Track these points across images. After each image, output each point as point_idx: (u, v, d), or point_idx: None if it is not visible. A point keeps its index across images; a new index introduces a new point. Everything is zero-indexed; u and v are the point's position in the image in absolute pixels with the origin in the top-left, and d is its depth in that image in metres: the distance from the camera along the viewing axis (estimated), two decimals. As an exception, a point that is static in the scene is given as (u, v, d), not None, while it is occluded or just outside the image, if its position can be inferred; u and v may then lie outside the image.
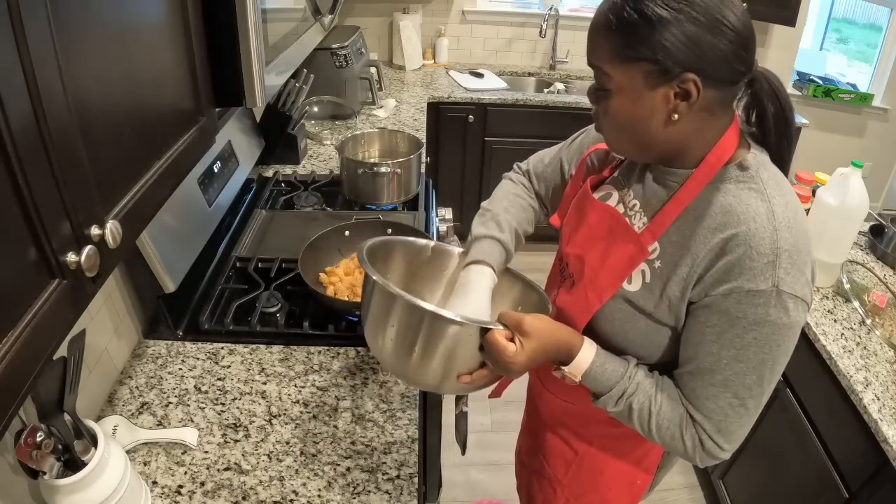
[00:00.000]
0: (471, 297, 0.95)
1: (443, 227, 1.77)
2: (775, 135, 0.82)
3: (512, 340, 0.81)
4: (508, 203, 1.08)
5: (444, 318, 0.81)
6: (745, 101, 0.81)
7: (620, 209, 0.90)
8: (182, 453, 1.05)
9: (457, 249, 1.09)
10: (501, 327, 0.82)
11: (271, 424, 1.11)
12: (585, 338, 0.86)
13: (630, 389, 0.84)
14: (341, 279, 1.39)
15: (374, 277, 0.85)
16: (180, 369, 1.23)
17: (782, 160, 0.83)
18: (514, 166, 1.18)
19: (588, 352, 0.85)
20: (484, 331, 0.82)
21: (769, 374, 0.78)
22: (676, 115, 0.75)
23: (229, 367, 1.24)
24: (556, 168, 1.10)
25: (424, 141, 2.31)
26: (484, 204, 1.11)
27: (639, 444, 1.03)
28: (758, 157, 0.80)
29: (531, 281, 1.02)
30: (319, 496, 0.99)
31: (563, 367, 0.86)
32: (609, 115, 0.80)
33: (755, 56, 0.76)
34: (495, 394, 1.15)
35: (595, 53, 0.78)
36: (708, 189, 0.80)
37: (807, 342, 1.52)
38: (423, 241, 1.09)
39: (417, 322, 0.83)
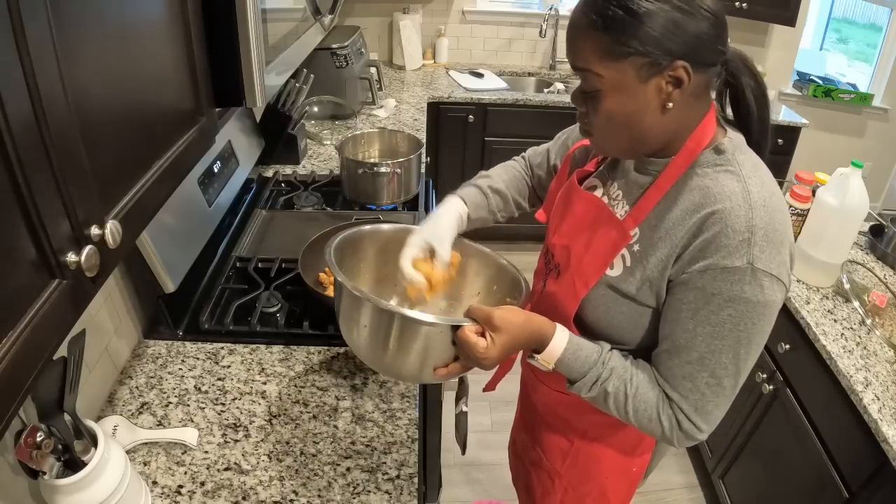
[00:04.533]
0: (435, 220, 1.03)
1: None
2: (757, 108, 0.83)
3: (482, 335, 0.83)
4: (502, 170, 1.17)
5: (413, 320, 0.83)
6: (718, 84, 0.83)
7: (605, 200, 0.92)
8: (182, 453, 1.05)
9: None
10: (471, 323, 0.83)
11: (271, 424, 1.11)
12: (558, 325, 0.87)
13: (604, 374, 0.85)
14: None
15: (342, 280, 0.86)
16: (180, 369, 1.23)
17: (764, 132, 0.85)
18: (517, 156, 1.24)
19: (560, 339, 0.86)
20: (455, 327, 0.84)
21: (745, 353, 0.79)
22: (671, 104, 0.76)
23: (229, 367, 1.24)
24: (545, 158, 1.16)
25: (424, 141, 2.31)
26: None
27: (631, 430, 1.04)
28: (734, 141, 0.82)
29: (507, 262, 1.03)
30: (319, 496, 0.99)
31: (536, 356, 0.87)
32: (602, 116, 0.80)
33: (728, 35, 0.78)
34: (489, 387, 1.16)
35: (581, 56, 0.78)
36: (686, 174, 0.82)
37: (807, 342, 1.53)
38: (389, 226, 1.09)
39: (387, 324, 0.85)
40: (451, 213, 1.03)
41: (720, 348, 0.78)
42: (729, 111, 0.86)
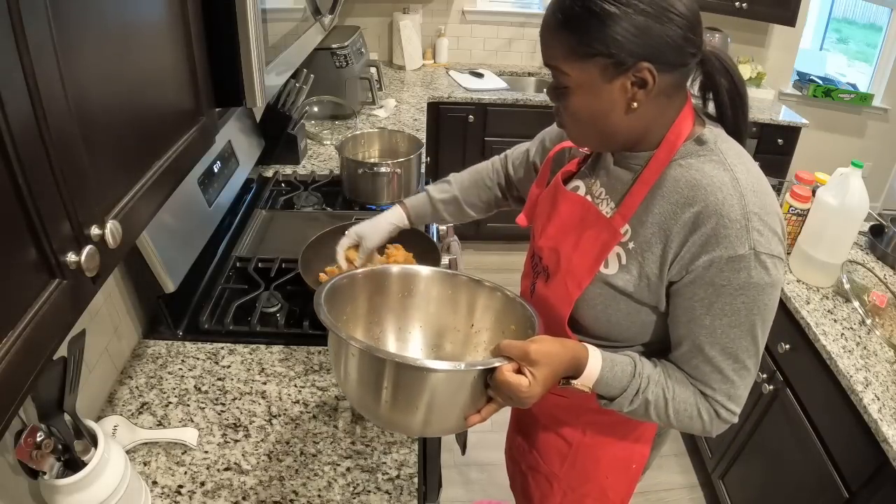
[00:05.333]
0: (371, 222, 1.21)
1: (442, 228, 1.77)
2: (731, 108, 0.84)
3: (520, 372, 0.79)
4: (468, 176, 1.27)
5: (442, 370, 0.77)
6: (698, 81, 0.83)
7: (589, 199, 0.92)
8: (182, 453, 1.05)
9: (422, 269, 1.05)
10: (507, 362, 0.78)
11: (271, 424, 1.11)
12: (588, 346, 0.85)
13: (643, 384, 0.85)
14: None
15: (356, 344, 0.78)
16: (180, 369, 1.23)
17: (739, 132, 0.86)
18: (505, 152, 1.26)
19: (595, 360, 0.84)
20: (490, 370, 0.78)
21: (761, 332, 0.81)
22: (636, 104, 0.77)
23: (229, 367, 1.24)
24: (524, 155, 1.19)
25: (424, 141, 2.31)
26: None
27: (631, 428, 1.05)
28: (714, 131, 0.83)
29: (513, 293, 0.99)
30: (319, 496, 0.99)
31: (572, 381, 0.85)
32: (570, 112, 0.82)
33: (703, 36, 0.78)
34: None
35: (549, 53, 0.79)
36: (671, 166, 0.82)
37: (807, 342, 1.53)
38: (382, 267, 1.05)
39: (410, 382, 0.78)
40: (388, 221, 1.21)
41: (739, 335, 0.80)
42: (711, 106, 0.87)
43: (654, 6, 0.72)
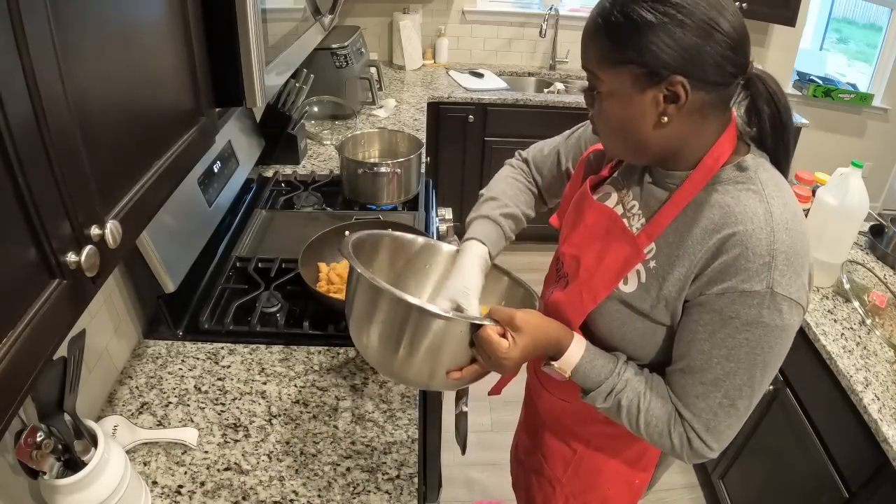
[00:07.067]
0: (460, 273, 0.97)
1: (443, 227, 1.77)
2: (772, 137, 0.81)
3: (503, 336, 0.82)
4: (506, 185, 1.12)
5: (432, 314, 0.81)
6: (745, 103, 0.80)
7: (619, 210, 0.90)
8: (182, 453, 1.05)
9: (445, 245, 1.08)
10: (492, 323, 0.82)
11: (271, 424, 1.11)
12: (575, 334, 0.87)
13: (619, 386, 0.85)
14: (340, 277, 1.39)
15: (360, 271, 0.83)
16: (180, 369, 1.23)
17: (779, 163, 0.82)
18: (516, 153, 1.20)
19: (578, 347, 0.85)
20: (475, 327, 0.82)
21: (760, 375, 0.78)
22: (666, 118, 0.75)
23: (229, 367, 1.24)
24: (554, 161, 1.12)
25: (424, 141, 2.31)
26: (483, 190, 1.14)
27: (635, 443, 1.04)
28: (756, 159, 0.80)
29: (518, 277, 1.02)
30: (319, 496, 0.99)
31: (552, 363, 0.87)
32: (602, 118, 0.81)
33: (749, 58, 0.76)
34: (495, 391, 1.15)
35: (586, 57, 0.79)
36: (706, 190, 0.79)
37: (807, 342, 1.52)
38: (410, 236, 1.08)
39: (403, 318, 0.82)
40: (475, 264, 0.98)
41: (735, 371, 0.78)
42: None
43: (696, 20, 0.70)
